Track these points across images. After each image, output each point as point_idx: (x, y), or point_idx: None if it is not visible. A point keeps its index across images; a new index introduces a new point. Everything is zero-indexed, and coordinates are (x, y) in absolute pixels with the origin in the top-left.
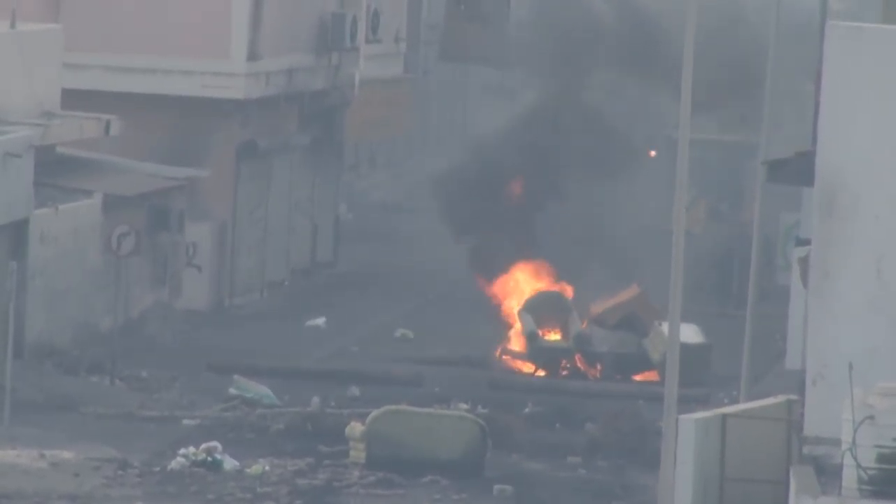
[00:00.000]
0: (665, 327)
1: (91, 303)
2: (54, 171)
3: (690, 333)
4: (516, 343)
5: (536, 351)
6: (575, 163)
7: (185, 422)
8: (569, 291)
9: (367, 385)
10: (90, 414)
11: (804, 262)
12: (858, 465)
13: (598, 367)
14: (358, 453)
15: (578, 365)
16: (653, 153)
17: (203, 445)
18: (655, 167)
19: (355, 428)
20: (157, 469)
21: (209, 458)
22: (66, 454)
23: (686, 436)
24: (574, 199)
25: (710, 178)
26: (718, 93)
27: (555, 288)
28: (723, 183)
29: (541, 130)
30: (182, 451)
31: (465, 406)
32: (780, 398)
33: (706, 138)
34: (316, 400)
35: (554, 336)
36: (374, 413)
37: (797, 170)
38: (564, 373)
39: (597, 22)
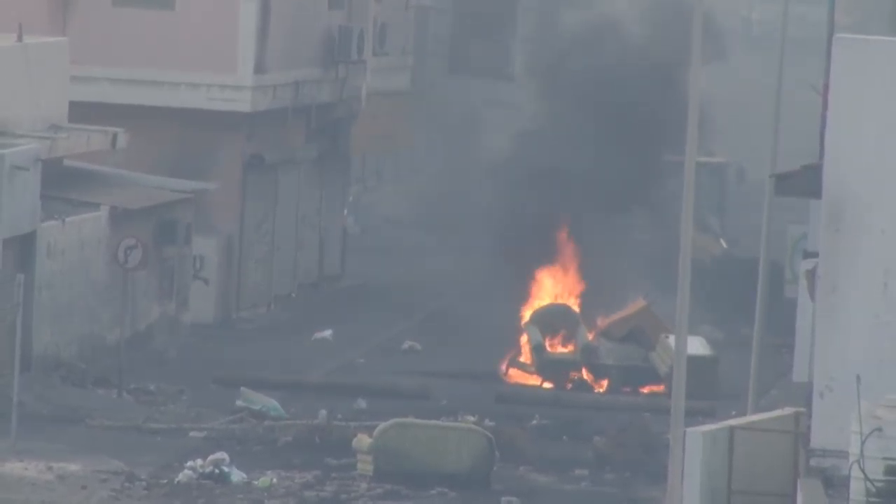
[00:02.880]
0: (672, 340)
1: (98, 316)
2: (61, 183)
3: (697, 346)
4: (524, 356)
5: (543, 363)
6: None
7: (193, 434)
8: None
9: (375, 398)
10: (97, 426)
11: (811, 274)
12: (866, 478)
13: (605, 379)
14: (365, 466)
15: (585, 378)
16: None
17: (210, 457)
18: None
19: (363, 440)
20: (165, 481)
21: (217, 471)
22: (74, 467)
23: (693, 448)
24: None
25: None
26: None
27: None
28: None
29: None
30: (189, 463)
31: (472, 418)
32: (788, 410)
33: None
34: (323, 412)
35: (561, 349)
36: (382, 426)
37: (805, 182)
38: (569, 386)
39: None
